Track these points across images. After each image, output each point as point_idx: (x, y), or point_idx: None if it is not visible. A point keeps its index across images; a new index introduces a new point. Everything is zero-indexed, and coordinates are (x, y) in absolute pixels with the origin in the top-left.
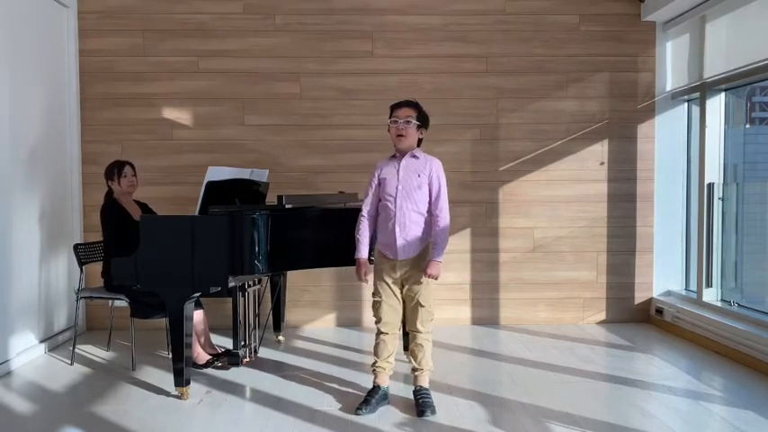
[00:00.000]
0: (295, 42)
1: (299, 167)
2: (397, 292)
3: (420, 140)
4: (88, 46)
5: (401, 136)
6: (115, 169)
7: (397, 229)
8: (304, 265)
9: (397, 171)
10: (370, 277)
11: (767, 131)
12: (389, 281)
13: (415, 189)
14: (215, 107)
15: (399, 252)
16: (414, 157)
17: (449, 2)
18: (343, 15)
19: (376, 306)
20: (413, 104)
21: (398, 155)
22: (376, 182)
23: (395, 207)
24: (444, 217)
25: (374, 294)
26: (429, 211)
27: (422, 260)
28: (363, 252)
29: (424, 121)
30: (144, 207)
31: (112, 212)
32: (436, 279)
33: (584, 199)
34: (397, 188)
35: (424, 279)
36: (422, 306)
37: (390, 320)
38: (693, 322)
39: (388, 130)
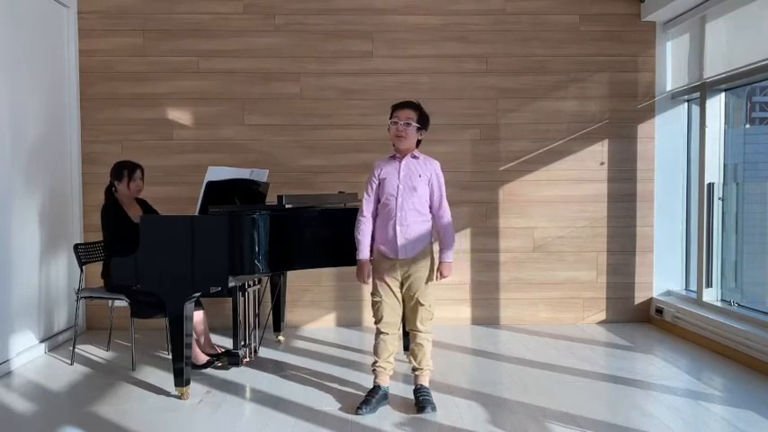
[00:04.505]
0: (295, 42)
1: (299, 167)
2: (397, 291)
3: (419, 141)
4: (88, 46)
5: (400, 137)
6: (125, 171)
7: (398, 229)
8: (304, 265)
9: (398, 171)
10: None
11: (767, 131)
12: (389, 280)
13: (416, 189)
14: (215, 107)
15: (400, 251)
16: (414, 157)
17: (449, 2)
18: (343, 15)
19: (376, 306)
20: (414, 106)
21: (398, 155)
22: (376, 182)
23: (396, 207)
24: (448, 217)
25: (374, 294)
26: (429, 212)
27: (421, 259)
28: (365, 253)
29: (424, 122)
30: (144, 205)
31: (112, 213)
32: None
33: (585, 199)
34: (398, 188)
35: (425, 278)
36: (421, 305)
37: (391, 320)
38: (693, 322)
39: (388, 130)
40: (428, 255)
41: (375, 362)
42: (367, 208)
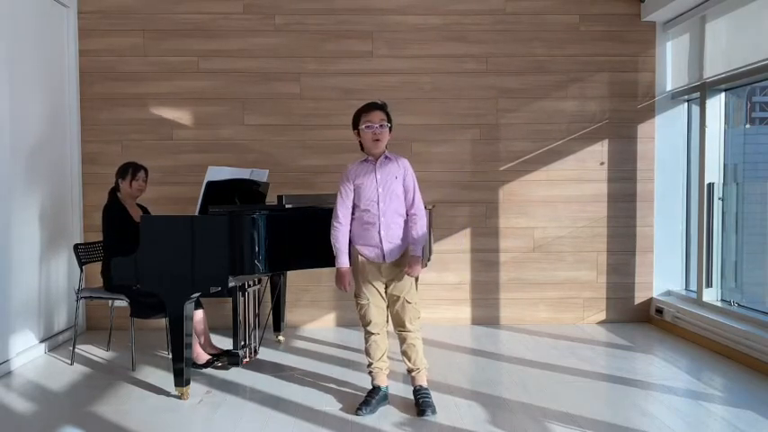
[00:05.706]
0: (295, 42)
1: (299, 167)
2: (383, 291)
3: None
4: (88, 46)
5: (378, 140)
6: (130, 170)
7: (383, 233)
8: (304, 266)
9: (375, 175)
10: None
11: (767, 131)
12: (375, 282)
13: (395, 191)
14: (215, 107)
15: (387, 256)
16: (387, 158)
17: (449, 2)
18: (343, 15)
19: (363, 309)
20: (381, 106)
21: (371, 159)
22: (351, 188)
23: (378, 211)
24: (422, 215)
25: (359, 297)
26: (406, 212)
27: (404, 259)
28: (345, 260)
29: (391, 122)
30: (144, 211)
31: (114, 212)
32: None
33: (584, 199)
34: (378, 192)
35: (409, 277)
36: (409, 303)
37: (379, 321)
38: (693, 322)
39: (357, 135)
40: (409, 254)
41: (370, 363)
42: (343, 214)
